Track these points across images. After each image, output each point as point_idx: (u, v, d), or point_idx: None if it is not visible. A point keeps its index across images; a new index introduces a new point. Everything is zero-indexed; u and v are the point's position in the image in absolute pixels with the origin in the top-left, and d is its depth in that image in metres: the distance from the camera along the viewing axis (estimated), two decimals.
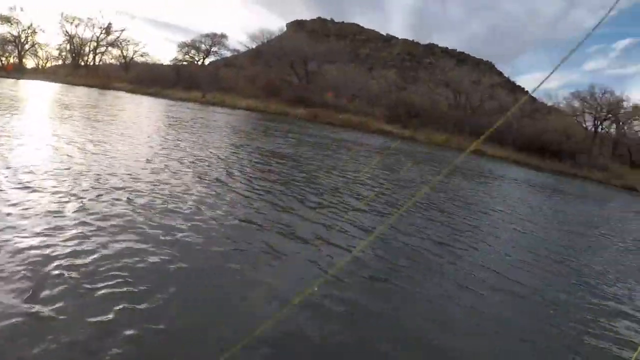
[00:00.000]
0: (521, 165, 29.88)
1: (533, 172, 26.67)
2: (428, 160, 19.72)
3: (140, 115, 18.15)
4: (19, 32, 50.46)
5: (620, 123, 44.84)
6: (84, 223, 3.88)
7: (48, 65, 56.43)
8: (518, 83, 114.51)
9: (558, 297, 4.50)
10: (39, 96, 21.05)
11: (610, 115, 44.70)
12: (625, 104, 44.07)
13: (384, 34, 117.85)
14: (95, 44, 56.39)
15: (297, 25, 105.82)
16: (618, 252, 7.76)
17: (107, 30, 55.32)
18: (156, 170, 6.66)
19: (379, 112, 36.80)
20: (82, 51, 56.53)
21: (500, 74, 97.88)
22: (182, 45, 55.97)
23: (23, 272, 2.82)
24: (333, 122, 27.37)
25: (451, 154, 26.88)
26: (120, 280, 2.95)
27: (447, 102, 43.28)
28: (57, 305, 2.53)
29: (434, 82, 48.34)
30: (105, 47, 57.26)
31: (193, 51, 55.77)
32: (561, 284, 5.03)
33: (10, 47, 51.05)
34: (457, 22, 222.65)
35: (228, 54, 57.61)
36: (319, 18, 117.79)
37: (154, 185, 5.73)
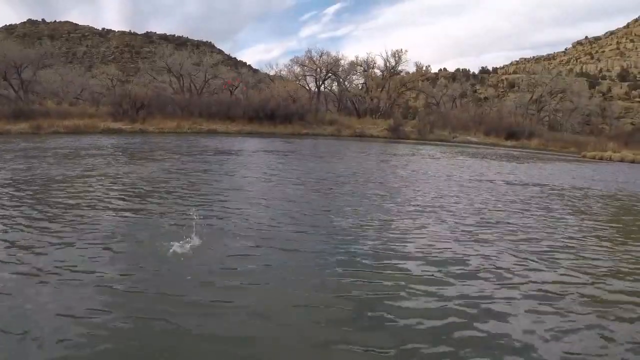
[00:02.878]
0: (256, 135, 30.48)
1: (268, 140, 27.09)
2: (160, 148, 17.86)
3: None
4: None
5: (341, 79, 49.39)
6: None
7: None
8: (240, 58, 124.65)
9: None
10: None
11: (330, 74, 47.94)
12: (342, 62, 48.07)
13: (100, 28, 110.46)
14: None
15: (6, 31, 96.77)
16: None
17: None
18: None
19: (104, 111, 32.87)
20: None
21: (221, 52, 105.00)
22: None
23: None
24: (59, 131, 24.98)
25: (178, 137, 25.45)
26: None
27: (173, 88, 40.65)
28: None
29: (156, 71, 44.67)
30: None
31: None
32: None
33: None
34: (172, 5, 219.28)
35: None
36: (29, 20, 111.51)
37: None
